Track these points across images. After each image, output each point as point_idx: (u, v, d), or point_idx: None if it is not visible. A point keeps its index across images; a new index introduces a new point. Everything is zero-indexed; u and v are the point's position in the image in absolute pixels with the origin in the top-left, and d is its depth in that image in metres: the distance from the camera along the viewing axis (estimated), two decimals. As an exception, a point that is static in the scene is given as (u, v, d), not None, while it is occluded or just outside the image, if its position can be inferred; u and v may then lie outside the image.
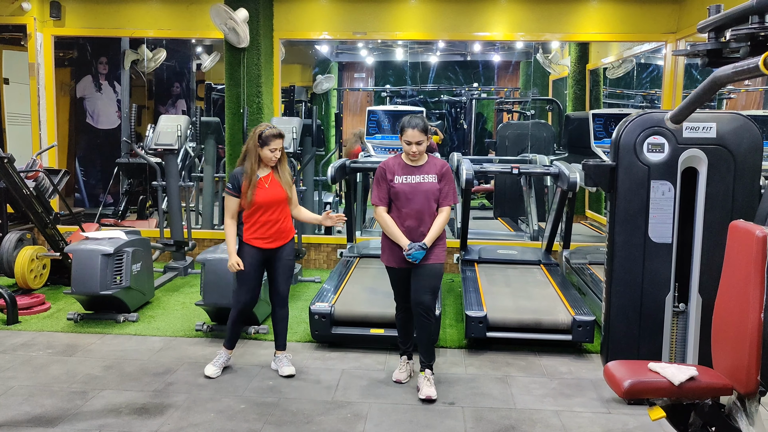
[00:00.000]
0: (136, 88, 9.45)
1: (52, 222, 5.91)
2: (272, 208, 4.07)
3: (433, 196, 3.86)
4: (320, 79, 10.87)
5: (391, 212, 3.92)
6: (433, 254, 3.88)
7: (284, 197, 4.11)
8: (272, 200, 4.06)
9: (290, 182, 4.17)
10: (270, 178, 4.09)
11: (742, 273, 2.52)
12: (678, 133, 3.57)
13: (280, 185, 4.09)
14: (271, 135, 4.01)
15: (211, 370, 4.13)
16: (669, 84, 6.90)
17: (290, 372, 4.14)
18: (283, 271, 4.18)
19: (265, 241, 4.09)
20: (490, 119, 11.82)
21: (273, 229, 4.09)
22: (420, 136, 3.80)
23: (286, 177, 4.14)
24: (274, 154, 4.03)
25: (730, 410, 2.58)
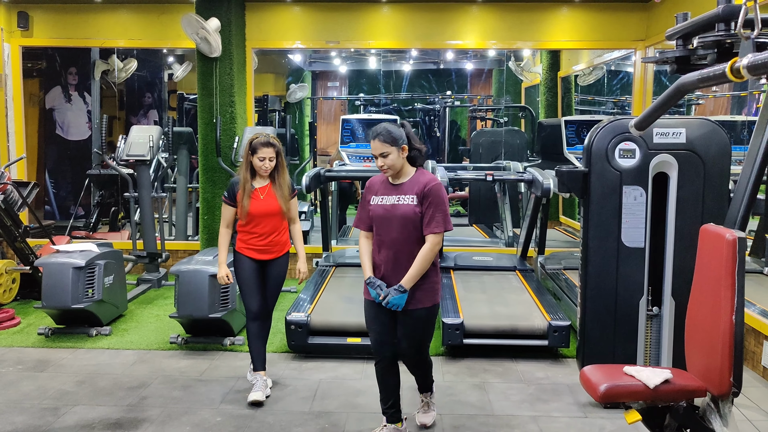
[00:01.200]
0: (107, 99, 9.34)
1: (21, 235, 5.80)
2: (265, 220, 3.97)
3: (412, 222, 3.13)
4: (294, 88, 10.85)
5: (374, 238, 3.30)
6: (414, 298, 3.14)
7: (278, 210, 3.98)
8: (265, 212, 3.96)
9: (287, 196, 4.01)
10: (267, 190, 3.98)
11: (714, 276, 2.56)
12: (648, 138, 3.62)
13: (275, 198, 3.97)
14: (258, 143, 3.91)
15: (259, 396, 3.86)
16: (639, 90, 7.01)
17: (259, 398, 3.86)
18: (274, 285, 4.08)
19: (257, 252, 4.00)
20: (464, 127, 11.90)
21: (265, 241, 3.99)
22: (383, 147, 3.12)
23: (283, 190, 4.00)
24: (264, 163, 3.91)
25: (704, 412, 2.61)
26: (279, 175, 4.01)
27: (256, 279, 4.02)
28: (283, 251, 4.09)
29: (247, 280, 4.00)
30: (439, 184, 3.17)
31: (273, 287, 4.08)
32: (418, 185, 3.17)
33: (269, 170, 3.96)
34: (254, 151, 3.92)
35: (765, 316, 4.36)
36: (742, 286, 2.46)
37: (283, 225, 4.08)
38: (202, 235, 6.81)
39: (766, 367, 4.24)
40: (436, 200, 3.12)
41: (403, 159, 3.19)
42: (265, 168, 3.93)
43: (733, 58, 2.20)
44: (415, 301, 3.15)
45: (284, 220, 4.07)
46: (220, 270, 4.01)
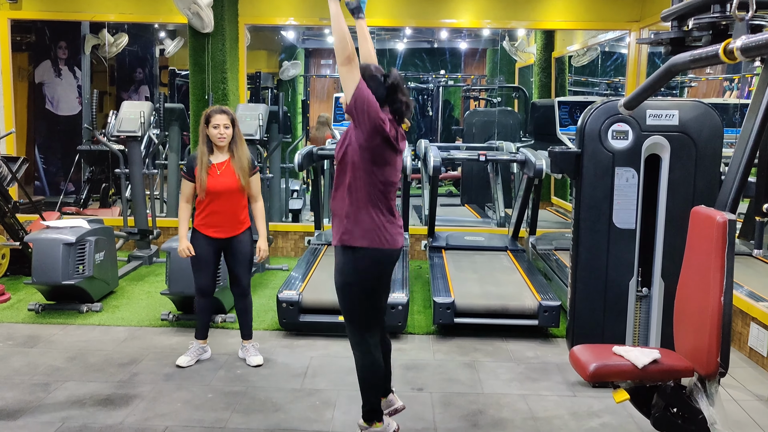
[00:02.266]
0: (98, 74, 9.24)
1: (11, 211, 5.76)
2: (223, 197, 3.88)
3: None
4: (287, 65, 10.76)
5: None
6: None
7: (236, 187, 3.89)
8: (222, 189, 3.87)
9: (247, 170, 3.91)
10: (225, 165, 3.89)
11: (704, 258, 2.57)
12: (641, 120, 3.62)
13: (233, 173, 3.88)
14: (212, 111, 3.84)
15: (183, 360, 4.06)
16: (632, 72, 7.00)
17: (258, 362, 4.09)
18: (241, 262, 4.03)
19: (215, 229, 3.94)
20: (457, 106, 11.87)
21: (223, 219, 3.93)
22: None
23: (242, 163, 3.90)
24: (219, 131, 3.82)
25: (691, 391, 2.65)
26: (237, 147, 3.91)
27: (209, 257, 3.97)
28: (242, 229, 4.02)
29: (198, 258, 3.96)
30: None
31: (242, 261, 4.03)
32: None
33: (226, 139, 3.85)
34: (208, 121, 3.83)
35: (753, 298, 4.40)
36: (732, 267, 2.48)
37: (242, 202, 3.99)
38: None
39: (752, 347, 4.29)
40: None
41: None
42: (220, 136, 3.83)
43: (727, 40, 2.19)
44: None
45: (244, 196, 3.98)
46: (180, 243, 3.95)
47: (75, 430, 3.27)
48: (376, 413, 3.08)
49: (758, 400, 3.72)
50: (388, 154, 2.87)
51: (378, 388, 3.10)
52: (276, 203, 7.45)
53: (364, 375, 3.05)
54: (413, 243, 6.85)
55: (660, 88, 2.88)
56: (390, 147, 2.86)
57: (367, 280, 2.97)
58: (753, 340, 4.29)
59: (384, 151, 2.85)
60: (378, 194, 2.89)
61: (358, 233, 2.89)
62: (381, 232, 2.90)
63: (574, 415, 3.51)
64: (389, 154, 2.88)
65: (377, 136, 2.81)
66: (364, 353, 3.02)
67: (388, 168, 2.90)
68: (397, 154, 2.92)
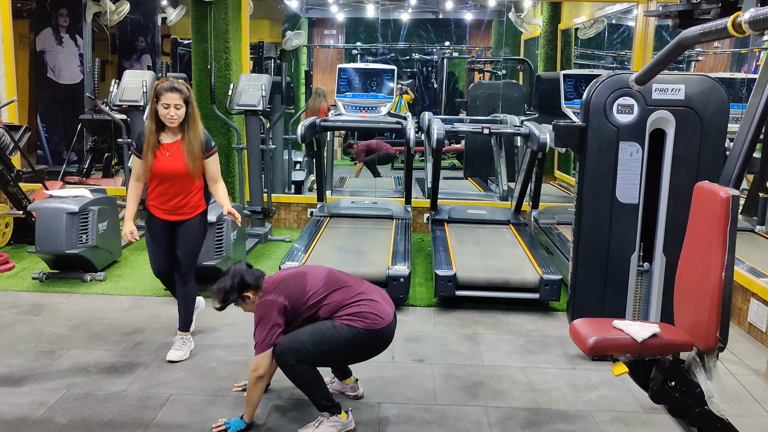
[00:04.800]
0: (99, 42, 9.16)
1: (14, 180, 5.76)
2: (170, 180, 3.59)
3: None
4: (290, 35, 10.66)
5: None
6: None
7: (184, 171, 3.57)
8: (168, 173, 3.57)
9: (198, 153, 3.57)
10: (175, 147, 3.57)
11: (706, 233, 2.57)
12: (647, 94, 3.59)
13: (182, 156, 3.55)
14: (162, 88, 3.47)
15: (170, 355, 3.77)
16: (639, 45, 6.92)
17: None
18: (184, 246, 3.73)
19: (163, 212, 3.68)
20: (462, 79, 11.78)
21: (171, 203, 3.65)
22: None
23: (192, 147, 3.55)
24: (168, 111, 3.48)
25: (689, 365, 2.67)
26: (189, 128, 3.56)
27: (162, 239, 3.74)
28: (194, 213, 3.72)
29: (150, 240, 3.75)
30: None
31: (184, 249, 3.74)
32: None
33: (175, 120, 3.52)
34: (157, 97, 3.48)
35: (753, 274, 4.41)
36: (734, 243, 2.48)
37: (194, 186, 3.67)
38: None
39: (752, 323, 4.31)
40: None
41: (255, 299, 3.06)
42: (170, 117, 3.50)
43: (736, 12, 2.16)
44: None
45: (196, 180, 3.66)
46: (126, 226, 3.69)
47: (79, 396, 3.31)
48: (334, 407, 3.00)
49: (756, 374, 3.75)
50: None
51: (322, 390, 2.99)
52: (279, 175, 7.44)
53: (304, 384, 2.99)
54: (416, 216, 6.86)
55: (671, 63, 2.86)
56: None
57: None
58: (752, 316, 4.31)
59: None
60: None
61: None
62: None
63: (573, 387, 3.54)
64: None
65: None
66: (292, 366, 2.94)
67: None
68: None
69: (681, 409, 2.71)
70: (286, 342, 2.93)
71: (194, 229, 3.75)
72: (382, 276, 4.63)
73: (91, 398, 3.30)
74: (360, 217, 6.24)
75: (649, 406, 3.28)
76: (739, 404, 3.38)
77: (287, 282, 3.03)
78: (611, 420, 3.21)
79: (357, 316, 2.93)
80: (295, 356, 2.90)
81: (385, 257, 4.94)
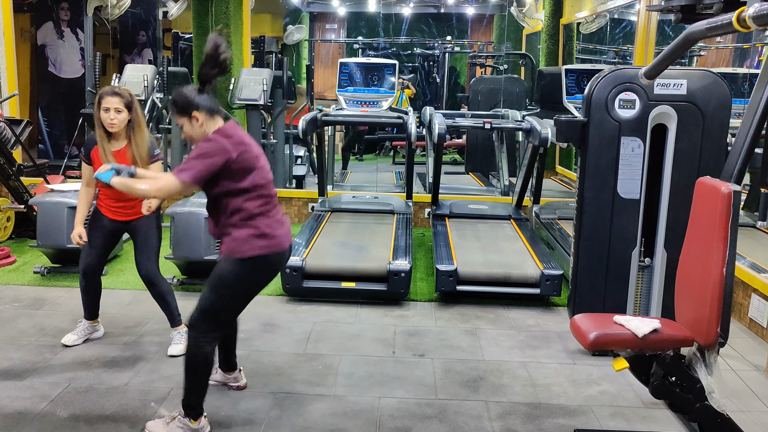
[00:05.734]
0: (100, 36, 9.14)
1: (15, 173, 5.76)
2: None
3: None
4: (291, 29, 10.64)
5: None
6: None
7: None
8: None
9: (146, 158, 3.58)
10: (121, 153, 3.57)
11: (707, 228, 2.57)
12: (649, 89, 3.58)
13: (129, 162, 3.52)
14: (104, 92, 3.50)
15: (70, 339, 3.83)
16: (641, 40, 6.90)
17: (173, 352, 3.74)
18: (143, 247, 3.72)
19: (112, 212, 3.69)
20: (463, 73, 11.75)
21: (118, 204, 3.66)
22: (177, 119, 2.88)
23: (140, 151, 3.56)
24: (108, 115, 3.48)
25: (690, 361, 2.66)
26: (135, 134, 3.57)
27: (101, 238, 3.73)
28: (140, 214, 3.68)
29: (90, 235, 3.72)
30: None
31: (140, 250, 3.74)
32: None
33: (116, 125, 3.52)
34: (99, 102, 3.50)
35: (754, 270, 4.41)
36: (735, 239, 2.48)
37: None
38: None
39: (752, 318, 4.31)
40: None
41: (202, 126, 2.81)
42: (110, 121, 3.49)
43: (741, 7, 2.15)
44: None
45: None
46: (75, 229, 3.68)
47: (81, 390, 3.32)
48: (193, 409, 2.89)
49: (756, 370, 3.75)
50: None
51: (203, 387, 2.91)
52: (280, 169, 7.44)
53: (194, 370, 2.86)
54: (417, 210, 6.85)
55: (678, 58, 2.85)
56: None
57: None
58: (753, 311, 4.31)
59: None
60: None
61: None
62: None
63: (574, 382, 3.55)
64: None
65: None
66: (203, 345, 2.85)
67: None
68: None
69: (681, 404, 2.71)
70: (195, 310, 2.83)
71: (147, 228, 3.73)
72: (383, 271, 4.63)
73: (93, 392, 3.31)
74: (361, 212, 6.24)
75: (649, 402, 3.28)
76: (740, 400, 3.38)
77: (248, 150, 2.79)
78: (612, 415, 3.21)
79: (258, 230, 2.78)
80: (205, 318, 2.81)
81: (386, 252, 4.94)
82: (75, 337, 3.87)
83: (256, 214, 2.81)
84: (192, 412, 2.89)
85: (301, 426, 3.04)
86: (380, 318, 4.42)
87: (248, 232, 2.80)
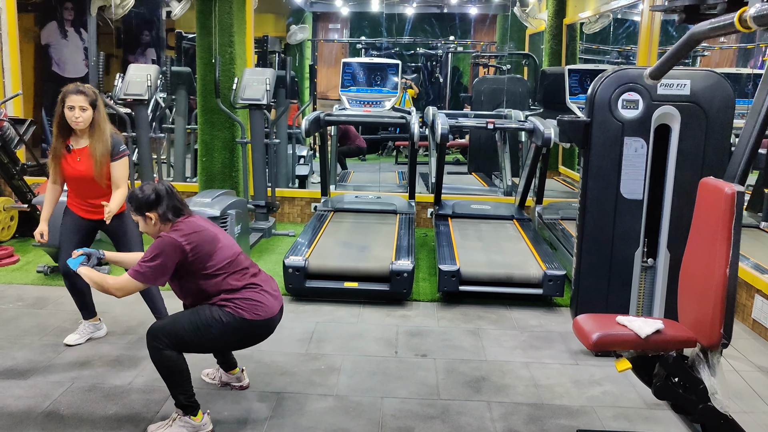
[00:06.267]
0: (104, 36, 9.15)
1: (18, 173, 5.77)
2: (81, 184, 3.64)
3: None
4: (294, 29, 10.65)
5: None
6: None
7: (90, 176, 3.57)
8: (77, 176, 3.61)
9: (103, 157, 3.55)
10: (84, 151, 3.59)
11: (710, 229, 2.57)
12: (652, 89, 3.57)
13: (89, 162, 3.56)
14: (68, 91, 3.52)
15: (73, 339, 3.86)
16: (645, 40, 6.89)
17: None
18: (124, 241, 3.73)
19: (82, 210, 3.72)
20: (466, 73, 11.74)
21: (86, 203, 3.69)
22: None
23: (96, 151, 3.54)
24: (73, 113, 3.49)
25: (693, 362, 2.66)
26: (93, 132, 3.56)
27: (75, 236, 3.71)
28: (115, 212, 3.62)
29: (63, 236, 3.73)
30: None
31: (124, 244, 3.74)
32: None
33: (81, 122, 3.52)
34: (63, 99, 3.52)
35: (758, 270, 4.40)
36: (738, 240, 2.47)
37: (106, 189, 3.65)
38: (201, 177, 6.79)
39: (756, 319, 4.30)
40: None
41: (156, 224, 2.92)
42: (75, 119, 3.51)
43: (743, 8, 2.15)
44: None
45: (104, 184, 3.63)
46: (39, 227, 3.69)
47: (84, 390, 3.32)
48: (189, 406, 2.92)
49: (760, 370, 3.74)
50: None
51: (184, 386, 2.91)
52: (283, 169, 7.45)
53: (169, 373, 2.89)
54: (419, 210, 6.85)
55: (683, 58, 2.84)
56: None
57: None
58: (757, 312, 4.30)
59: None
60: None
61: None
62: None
63: (576, 383, 3.54)
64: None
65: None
66: (161, 351, 2.87)
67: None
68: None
69: (684, 405, 2.71)
70: (162, 324, 2.90)
71: (124, 222, 3.70)
72: (385, 271, 4.64)
73: (96, 391, 3.31)
74: (364, 212, 6.24)
75: (652, 402, 3.28)
76: (743, 401, 3.38)
77: (202, 238, 2.87)
78: (614, 416, 3.21)
79: (241, 302, 2.87)
80: (170, 339, 2.83)
81: (388, 252, 4.94)
82: (77, 336, 3.90)
83: (240, 288, 2.91)
84: (188, 409, 2.92)
85: (303, 426, 3.05)
86: (383, 318, 4.42)
87: (238, 301, 2.89)
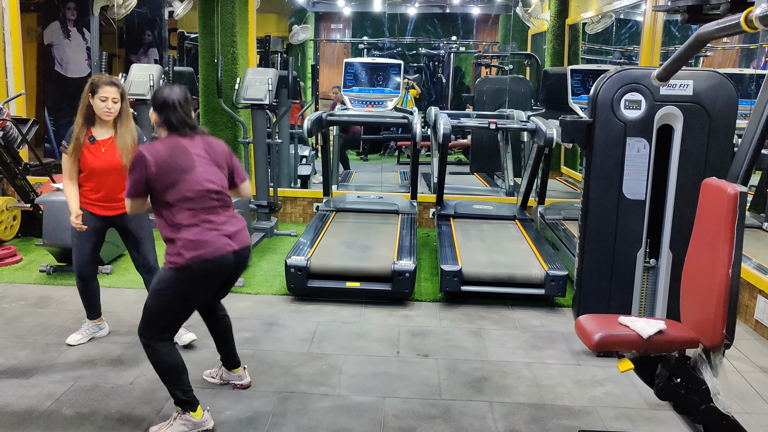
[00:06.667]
0: (106, 36, 9.17)
1: (21, 172, 5.78)
2: (106, 174, 3.63)
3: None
4: (296, 29, 10.66)
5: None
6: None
7: (119, 166, 3.60)
8: (105, 167, 3.62)
9: (130, 148, 3.59)
10: (109, 142, 3.62)
11: (713, 230, 2.56)
12: (655, 90, 3.57)
13: (117, 151, 3.61)
14: (101, 81, 3.53)
15: (75, 339, 3.87)
16: (647, 40, 6.88)
17: (189, 339, 3.87)
18: (140, 239, 3.75)
19: (98, 207, 3.70)
20: (468, 73, 11.74)
21: (106, 197, 3.68)
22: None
23: (125, 141, 3.60)
24: (106, 104, 3.53)
25: (695, 362, 2.66)
26: (122, 123, 3.62)
27: (89, 238, 3.72)
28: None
29: (78, 238, 3.72)
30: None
31: (141, 242, 3.77)
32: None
33: (112, 114, 3.58)
34: (95, 91, 3.53)
35: (761, 271, 4.39)
36: (741, 240, 2.47)
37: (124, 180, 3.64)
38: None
39: (758, 320, 4.30)
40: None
41: (156, 125, 2.95)
42: (107, 110, 3.55)
43: (749, 8, 2.15)
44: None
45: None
46: (73, 214, 3.63)
47: (86, 389, 3.33)
48: (188, 404, 2.93)
49: (762, 371, 3.74)
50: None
51: (180, 381, 2.92)
52: (285, 169, 7.45)
53: (163, 369, 2.92)
54: (422, 211, 6.85)
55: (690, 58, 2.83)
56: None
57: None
58: (759, 313, 4.29)
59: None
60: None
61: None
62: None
63: (578, 383, 3.54)
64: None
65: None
66: (155, 346, 2.89)
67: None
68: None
69: (686, 406, 2.70)
70: (141, 319, 2.89)
71: (139, 218, 3.72)
72: (387, 271, 4.64)
73: (98, 391, 3.32)
74: (366, 212, 6.24)
75: (654, 403, 3.27)
76: (745, 401, 3.37)
77: (172, 161, 2.82)
78: (616, 416, 3.21)
79: (181, 244, 2.78)
80: (149, 327, 2.85)
81: (390, 252, 4.94)
82: (80, 336, 3.90)
83: (185, 226, 2.82)
84: (187, 404, 2.92)
85: (305, 425, 3.05)
86: (385, 318, 4.43)
87: (177, 243, 2.81)
